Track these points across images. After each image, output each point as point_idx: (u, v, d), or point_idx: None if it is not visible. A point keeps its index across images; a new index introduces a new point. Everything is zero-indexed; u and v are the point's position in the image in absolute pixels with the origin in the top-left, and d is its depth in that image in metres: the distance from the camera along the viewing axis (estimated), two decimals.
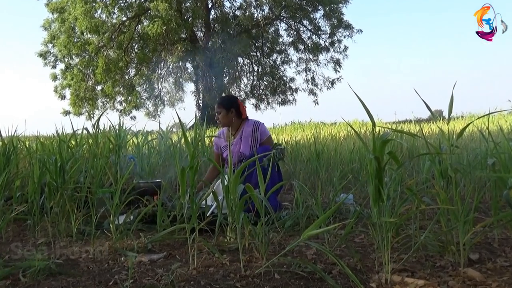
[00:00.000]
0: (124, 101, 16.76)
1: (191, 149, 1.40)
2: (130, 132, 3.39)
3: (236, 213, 1.38)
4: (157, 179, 2.50)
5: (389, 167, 1.33)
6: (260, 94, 17.68)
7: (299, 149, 3.60)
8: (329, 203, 2.12)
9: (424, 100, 1.32)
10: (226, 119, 2.37)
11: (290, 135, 5.74)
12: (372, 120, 1.20)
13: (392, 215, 1.26)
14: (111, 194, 2.05)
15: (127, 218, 1.74)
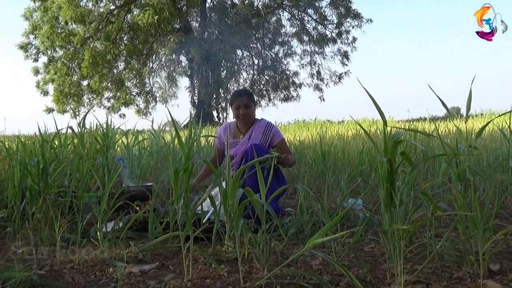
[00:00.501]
0: (112, 98, 16.80)
1: (185, 150, 1.40)
2: (119, 132, 3.39)
3: (234, 220, 1.38)
4: (149, 183, 2.50)
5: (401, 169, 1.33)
6: (260, 89, 17.71)
7: (303, 150, 3.60)
8: (336, 209, 2.12)
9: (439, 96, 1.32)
10: (253, 115, 2.35)
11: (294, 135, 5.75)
12: (383, 118, 1.20)
13: (405, 222, 1.26)
14: (98, 199, 2.05)
15: (116, 225, 1.74)
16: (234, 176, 1.38)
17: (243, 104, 2.30)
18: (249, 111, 2.31)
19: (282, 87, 17.53)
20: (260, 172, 1.49)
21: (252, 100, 2.35)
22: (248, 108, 2.31)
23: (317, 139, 4.60)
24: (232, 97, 2.37)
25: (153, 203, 1.84)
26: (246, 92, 2.37)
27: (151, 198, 2.03)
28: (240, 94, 2.33)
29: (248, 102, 2.30)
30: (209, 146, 3.57)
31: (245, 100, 2.30)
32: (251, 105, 2.32)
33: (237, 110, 2.32)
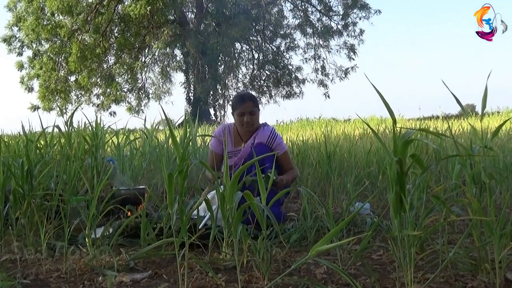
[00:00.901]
0: (102, 94, 16.81)
1: (180, 151, 1.40)
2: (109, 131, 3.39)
3: (233, 225, 1.38)
4: (141, 186, 2.50)
5: (412, 171, 1.33)
6: (261, 85, 17.73)
7: (306, 150, 3.60)
8: (342, 214, 2.12)
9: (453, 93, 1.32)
10: (257, 122, 2.27)
11: (297, 134, 5.75)
12: (393, 117, 1.20)
13: (416, 228, 1.26)
14: (86, 203, 2.05)
15: (106, 231, 1.74)
16: (232, 177, 1.38)
17: (248, 111, 2.21)
18: (254, 119, 2.23)
19: (284, 83, 17.54)
20: (260, 173, 1.48)
21: (257, 105, 2.27)
22: (253, 115, 2.22)
23: (322, 138, 4.60)
24: (234, 102, 2.27)
25: (146, 208, 1.84)
26: (250, 97, 2.27)
27: (144, 202, 2.03)
28: (244, 99, 2.22)
29: (253, 109, 2.22)
30: (205, 147, 3.57)
31: (249, 106, 2.21)
32: (256, 112, 2.24)
33: (240, 118, 2.23)
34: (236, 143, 2.32)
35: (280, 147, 2.29)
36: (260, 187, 1.49)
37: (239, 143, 2.32)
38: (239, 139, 2.32)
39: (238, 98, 2.27)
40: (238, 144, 2.32)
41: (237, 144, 2.32)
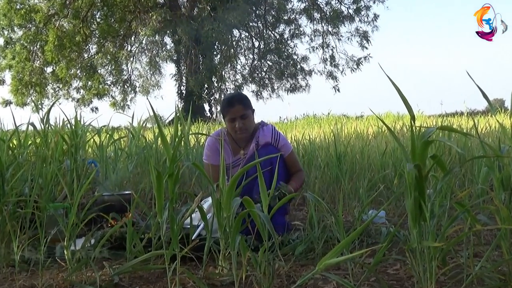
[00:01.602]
0: (82, 88, 16.83)
1: (170, 151, 1.40)
2: (90, 129, 3.39)
3: (230, 236, 1.38)
4: (127, 191, 2.51)
5: (432, 174, 1.33)
6: (262, 78, 17.74)
7: (314, 151, 3.60)
8: (353, 223, 2.12)
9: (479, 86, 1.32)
10: (252, 125, 2.24)
11: (303, 133, 5.75)
12: (411, 113, 1.21)
13: (438, 239, 1.26)
14: (65, 211, 2.06)
15: (87, 242, 1.75)
16: (230, 181, 1.38)
17: (239, 116, 2.19)
18: (247, 123, 2.20)
19: (288, 75, 17.54)
20: (261, 175, 1.49)
21: (249, 106, 2.23)
22: (245, 119, 2.19)
23: (331, 137, 4.59)
24: (222, 108, 2.25)
25: (132, 216, 1.84)
26: (239, 99, 2.23)
27: (130, 209, 2.04)
28: (231, 103, 2.20)
29: (244, 112, 2.19)
30: (199, 147, 3.57)
31: (239, 110, 2.19)
32: (249, 114, 2.21)
33: (231, 124, 2.20)
34: (234, 151, 2.31)
35: (286, 148, 2.29)
36: (262, 192, 1.49)
37: (237, 150, 2.30)
38: (236, 146, 2.31)
39: (225, 102, 2.24)
40: (237, 151, 2.31)
41: (236, 151, 2.31)
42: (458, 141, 3.33)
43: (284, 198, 1.71)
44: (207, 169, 2.26)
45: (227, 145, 2.30)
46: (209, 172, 2.23)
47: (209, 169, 2.26)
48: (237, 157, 2.29)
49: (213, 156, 2.27)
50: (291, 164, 2.30)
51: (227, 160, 2.25)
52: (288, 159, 2.28)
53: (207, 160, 2.31)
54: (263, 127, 2.30)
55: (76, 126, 2.81)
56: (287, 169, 2.28)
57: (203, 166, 2.34)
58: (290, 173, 2.29)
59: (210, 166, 2.27)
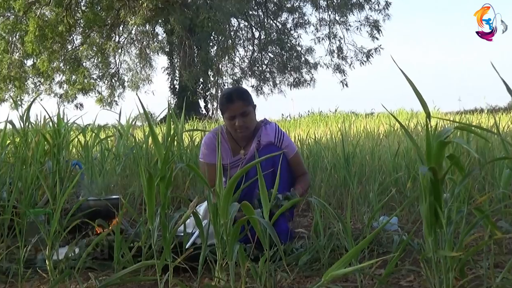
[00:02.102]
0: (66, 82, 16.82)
1: (163, 152, 1.40)
2: (74, 127, 3.39)
3: (228, 244, 1.38)
4: (114, 195, 2.51)
5: (449, 177, 1.33)
6: (263, 71, 17.75)
7: (319, 152, 3.60)
8: (363, 230, 2.12)
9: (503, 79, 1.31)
10: (254, 123, 2.25)
11: (307, 131, 5.75)
12: (426, 109, 1.21)
13: (455, 247, 1.26)
14: (47, 217, 2.06)
15: (71, 252, 1.75)
16: (227, 184, 1.38)
17: (239, 113, 2.18)
18: (248, 120, 2.20)
19: (292, 68, 17.55)
20: (262, 177, 1.49)
21: (250, 102, 2.22)
22: (246, 117, 2.19)
23: (338, 137, 4.59)
24: (220, 104, 2.24)
25: (120, 222, 1.84)
26: (239, 95, 2.22)
27: (117, 215, 2.04)
28: (231, 99, 2.19)
29: (244, 109, 2.18)
30: (194, 147, 3.58)
31: (239, 106, 2.18)
32: (250, 111, 2.20)
33: (231, 121, 2.20)
34: (234, 151, 2.31)
35: (290, 148, 2.29)
36: (262, 196, 1.49)
37: (237, 150, 2.30)
38: (236, 145, 2.31)
39: (224, 98, 2.23)
40: (237, 151, 2.31)
41: (236, 151, 2.31)
42: (477, 141, 3.32)
43: (289, 203, 1.71)
44: (203, 170, 2.26)
45: (226, 144, 2.30)
46: (205, 173, 2.21)
47: (205, 169, 2.25)
48: (237, 157, 2.29)
49: (211, 155, 2.27)
50: (296, 166, 2.30)
51: (225, 160, 2.25)
52: (292, 161, 2.29)
53: (203, 159, 2.31)
54: (266, 125, 2.30)
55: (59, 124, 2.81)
56: (291, 172, 2.28)
57: (199, 167, 2.34)
58: (294, 176, 2.29)
59: (206, 166, 2.27)
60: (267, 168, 2.04)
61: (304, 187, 2.24)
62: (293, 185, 2.21)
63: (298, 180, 2.28)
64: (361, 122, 8.22)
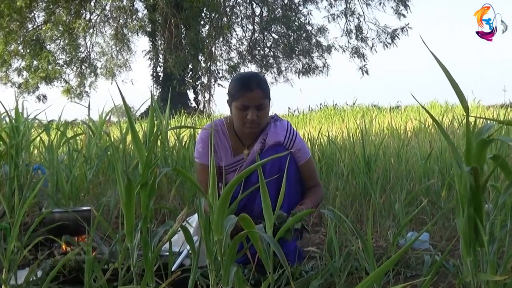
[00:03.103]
0: (25, 69, 16.82)
1: (144, 153, 1.40)
2: (36, 124, 3.39)
3: (223, 266, 1.38)
4: (85, 206, 2.51)
5: (492, 184, 1.33)
6: (265, 55, 17.76)
7: (334, 154, 3.60)
8: (387, 249, 2.12)
9: None
10: (266, 120, 2.26)
11: (319, 129, 5.75)
12: (464, 102, 1.21)
13: (499, 270, 1.26)
14: (3, 232, 2.05)
15: (32, 274, 1.75)
16: (223, 192, 1.38)
17: (255, 104, 2.17)
18: (262, 115, 2.21)
19: (300, 52, 17.56)
20: (263, 182, 1.49)
21: (268, 95, 2.23)
22: (261, 110, 2.19)
23: (357, 135, 4.58)
24: (234, 88, 2.22)
25: (92, 239, 1.84)
26: (259, 83, 2.22)
27: (89, 230, 2.04)
28: (249, 86, 2.18)
29: (262, 101, 2.18)
30: (181, 147, 3.58)
31: (258, 97, 2.17)
32: (266, 105, 2.21)
33: (241, 113, 2.19)
34: (236, 150, 2.30)
35: (302, 153, 2.28)
36: (265, 208, 1.49)
37: (240, 149, 2.29)
38: (239, 143, 2.30)
39: (241, 83, 2.21)
40: (239, 150, 2.30)
41: (238, 150, 2.30)
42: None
43: (294, 217, 1.71)
44: (201, 171, 2.27)
45: (227, 141, 2.30)
46: (202, 175, 2.22)
47: (200, 172, 2.26)
48: (238, 157, 2.28)
49: (208, 154, 2.25)
50: (307, 175, 2.29)
51: (224, 161, 2.26)
52: (304, 168, 2.27)
53: (199, 160, 2.30)
54: (276, 122, 2.29)
55: (18, 120, 2.82)
56: (301, 181, 2.27)
57: (196, 168, 2.35)
58: (305, 186, 2.28)
59: (201, 168, 2.27)
60: (272, 174, 2.03)
61: (314, 202, 2.21)
62: (302, 198, 2.21)
63: (308, 193, 2.27)
64: (384, 118, 8.22)
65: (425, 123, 5.55)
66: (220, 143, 2.29)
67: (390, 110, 10.77)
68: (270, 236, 1.43)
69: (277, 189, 2.00)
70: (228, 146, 2.29)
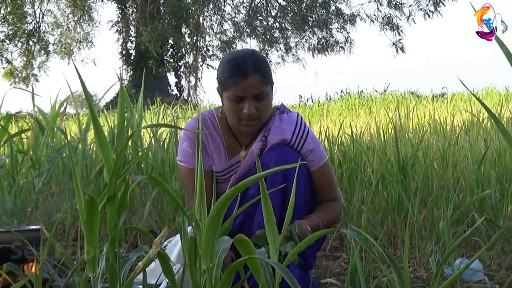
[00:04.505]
0: None
1: (111, 156, 1.40)
2: None
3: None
4: (33, 225, 2.51)
5: None
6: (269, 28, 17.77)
7: (359, 156, 3.61)
8: (428, 280, 2.12)
9: None
10: (269, 112, 2.26)
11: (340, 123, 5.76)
12: None
13: None
14: None
15: None
16: (214, 208, 1.39)
17: (251, 94, 2.17)
18: (263, 107, 2.21)
19: (315, 23, 17.57)
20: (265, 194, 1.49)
21: (270, 79, 2.23)
22: (261, 101, 2.17)
23: (389, 132, 4.58)
24: (224, 74, 2.21)
25: (42, 267, 1.84)
26: (257, 65, 2.21)
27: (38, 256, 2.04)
28: (243, 71, 2.18)
29: (262, 88, 2.19)
30: (159, 148, 3.58)
31: (255, 83, 2.17)
32: (268, 92, 2.22)
33: (236, 105, 2.18)
34: (231, 150, 2.31)
35: (316, 154, 2.27)
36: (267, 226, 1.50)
37: (236, 150, 2.30)
38: (234, 142, 2.32)
39: (233, 66, 2.20)
40: (234, 151, 2.30)
41: (233, 152, 2.30)
42: None
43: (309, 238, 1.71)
44: (185, 177, 2.27)
45: (220, 139, 2.32)
46: (187, 183, 2.23)
47: (187, 178, 2.26)
48: (233, 160, 2.30)
49: (192, 158, 2.25)
50: (322, 186, 2.28)
51: (217, 165, 2.27)
52: (318, 176, 2.27)
53: (184, 163, 2.29)
54: (282, 115, 2.29)
55: None
56: (314, 193, 2.27)
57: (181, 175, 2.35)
58: (318, 199, 2.28)
59: (188, 174, 2.26)
60: (276, 183, 2.03)
61: (327, 217, 2.22)
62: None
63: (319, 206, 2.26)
64: (425, 109, 8.22)
65: (479, 116, 5.56)
66: (211, 141, 2.29)
67: (432, 98, 10.79)
68: (277, 262, 1.43)
69: (282, 203, 2.00)
70: (222, 145, 2.29)
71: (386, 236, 2.89)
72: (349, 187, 3.32)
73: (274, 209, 1.58)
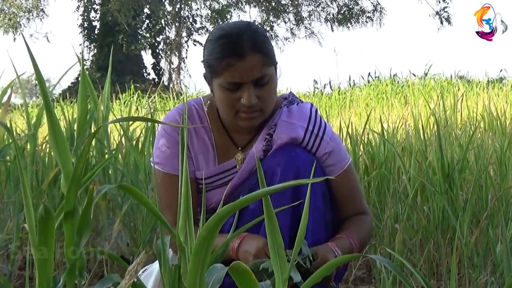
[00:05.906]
0: None
1: (70, 160, 1.41)
2: None
3: None
4: None
5: None
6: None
7: (391, 160, 3.62)
8: None
9: None
10: (274, 101, 2.29)
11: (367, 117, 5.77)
12: None
13: None
14: None
15: None
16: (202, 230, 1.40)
17: (251, 79, 2.20)
18: (266, 95, 2.24)
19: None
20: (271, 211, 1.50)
21: (273, 60, 2.26)
22: (264, 87, 2.23)
23: (431, 129, 4.59)
24: (212, 54, 2.22)
25: None
26: (255, 41, 2.23)
27: None
28: (238, 49, 2.19)
29: (264, 71, 2.22)
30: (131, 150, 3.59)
31: (255, 65, 2.20)
32: (272, 76, 2.26)
33: (231, 95, 2.19)
34: (222, 152, 2.34)
35: (336, 158, 2.30)
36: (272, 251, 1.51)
37: (230, 152, 2.33)
38: (227, 141, 2.34)
39: (224, 44, 2.21)
40: (227, 154, 2.33)
41: (224, 154, 2.33)
42: None
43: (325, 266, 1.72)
44: (165, 187, 2.29)
45: (207, 136, 2.34)
46: (168, 194, 2.25)
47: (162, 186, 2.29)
48: (225, 165, 2.32)
49: (177, 157, 2.22)
50: (346, 196, 2.31)
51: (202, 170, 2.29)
52: (340, 184, 2.29)
53: (159, 166, 2.31)
54: (291, 105, 2.32)
55: None
56: (336, 206, 2.29)
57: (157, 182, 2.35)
58: (342, 214, 2.30)
59: (168, 180, 2.29)
60: (285, 196, 2.04)
61: (359, 236, 2.24)
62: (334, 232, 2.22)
63: (346, 223, 2.29)
64: (478, 98, 8.25)
65: None
66: (196, 139, 2.31)
67: (487, 84, 10.80)
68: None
69: (293, 221, 2.00)
70: (210, 145, 2.31)
71: (427, 263, 2.90)
72: (378, 200, 3.34)
73: (282, 229, 1.58)
